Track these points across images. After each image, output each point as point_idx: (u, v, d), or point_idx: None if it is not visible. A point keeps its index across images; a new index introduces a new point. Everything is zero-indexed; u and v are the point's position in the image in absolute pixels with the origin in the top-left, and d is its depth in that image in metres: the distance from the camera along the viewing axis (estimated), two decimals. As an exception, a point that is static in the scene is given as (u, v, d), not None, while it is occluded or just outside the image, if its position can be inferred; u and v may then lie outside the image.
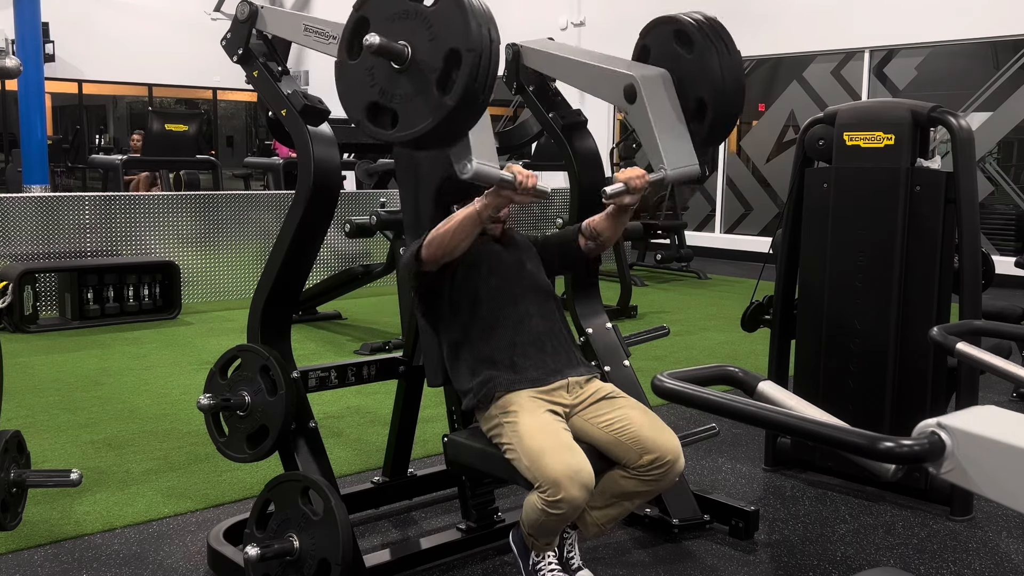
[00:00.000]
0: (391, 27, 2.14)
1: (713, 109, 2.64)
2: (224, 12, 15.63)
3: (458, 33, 2.07)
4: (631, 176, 2.52)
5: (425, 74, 2.11)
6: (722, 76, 2.61)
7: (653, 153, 2.60)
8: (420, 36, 2.12)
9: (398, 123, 2.18)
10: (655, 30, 2.80)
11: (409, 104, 2.15)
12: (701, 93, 2.65)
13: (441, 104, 2.10)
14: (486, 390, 2.53)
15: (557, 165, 8.89)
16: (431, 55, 2.10)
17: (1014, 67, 9.49)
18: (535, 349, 2.59)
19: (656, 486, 2.51)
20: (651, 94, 2.62)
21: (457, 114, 2.11)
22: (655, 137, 2.58)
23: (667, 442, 2.47)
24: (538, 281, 2.74)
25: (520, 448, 2.38)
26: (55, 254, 6.74)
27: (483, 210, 2.39)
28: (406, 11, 2.13)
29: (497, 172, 2.29)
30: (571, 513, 2.32)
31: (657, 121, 2.60)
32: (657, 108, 2.62)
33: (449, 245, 2.46)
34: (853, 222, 3.45)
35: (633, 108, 2.64)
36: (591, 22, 12.77)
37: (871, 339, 3.42)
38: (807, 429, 1.24)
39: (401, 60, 2.13)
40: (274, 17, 2.74)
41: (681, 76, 2.69)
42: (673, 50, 2.71)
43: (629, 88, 2.65)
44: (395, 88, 2.16)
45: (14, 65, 3.39)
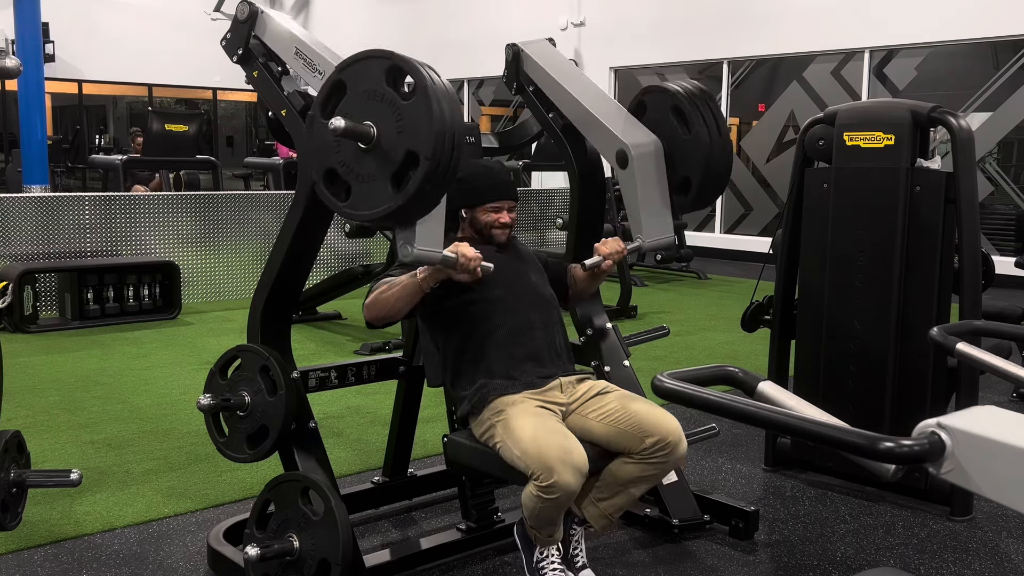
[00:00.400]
0: (365, 103, 2.19)
1: (698, 188, 2.86)
2: (224, 12, 15.66)
3: (422, 137, 2.10)
4: (611, 251, 2.77)
5: (385, 161, 2.15)
6: (711, 161, 2.82)
7: (634, 221, 2.86)
8: (388, 123, 2.15)
9: (350, 199, 2.23)
10: (654, 95, 2.97)
11: (364, 185, 2.20)
12: (689, 173, 2.86)
13: (392, 198, 2.15)
14: (480, 395, 2.55)
15: (557, 165, 8.89)
16: (393, 148, 2.15)
17: (1014, 67, 9.49)
18: (532, 363, 2.62)
19: (661, 469, 2.51)
20: (641, 167, 2.83)
21: (406, 210, 2.18)
22: (638, 208, 2.83)
23: (668, 423, 2.49)
24: (542, 292, 2.76)
25: (511, 440, 2.39)
26: (55, 254, 6.74)
27: (423, 283, 2.47)
28: (383, 95, 2.16)
29: (438, 255, 2.36)
30: (565, 498, 2.32)
31: (642, 193, 2.83)
32: (644, 180, 2.83)
33: (391, 311, 2.55)
34: (853, 222, 3.45)
35: (623, 174, 2.85)
36: (591, 22, 12.77)
37: (871, 339, 3.42)
38: (807, 429, 1.24)
39: (367, 140, 2.17)
40: (271, 29, 2.75)
41: (673, 150, 2.89)
42: (669, 120, 2.89)
43: (621, 154, 2.84)
44: (355, 164, 2.21)
45: (14, 65, 3.39)
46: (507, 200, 2.73)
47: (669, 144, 2.87)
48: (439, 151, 2.09)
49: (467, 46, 14.16)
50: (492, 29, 13.26)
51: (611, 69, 12.65)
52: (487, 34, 13.28)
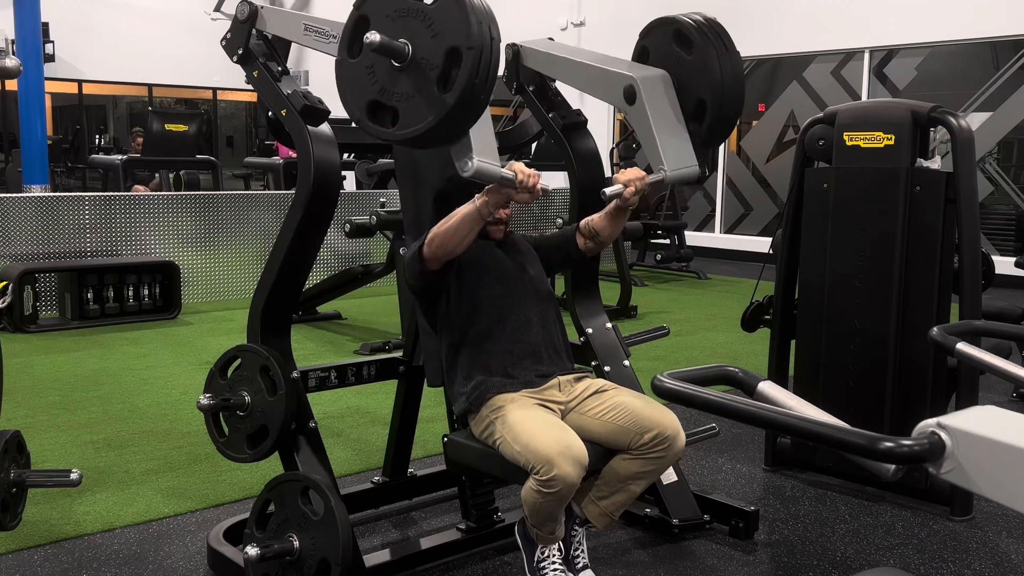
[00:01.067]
0: (391, 25, 2.14)
1: (713, 110, 2.64)
2: (224, 12, 15.66)
3: (459, 31, 2.06)
4: (630, 177, 2.55)
5: (426, 72, 2.11)
6: (722, 77, 2.62)
7: (652, 154, 2.61)
8: (421, 34, 2.11)
9: (399, 121, 2.18)
10: (654, 31, 2.80)
11: (410, 102, 2.15)
12: (701, 94, 2.66)
13: (442, 102, 2.10)
14: (478, 393, 2.55)
15: (557, 165, 8.89)
16: (432, 53, 2.10)
17: (1014, 67, 9.49)
18: (531, 360, 2.61)
19: (660, 464, 2.51)
20: (651, 95, 2.63)
21: (457, 112, 2.11)
22: (654, 138, 2.59)
23: (665, 418, 2.49)
24: (539, 287, 2.75)
25: (510, 435, 2.39)
26: (55, 254, 6.74)
27: (483, 207, 2.39)
28: (407, 9, 2.13)
29: (498, 170, 2.29)
30: (565, 491, 2.31)
31: (657, 122, 2.61)
32: (657, 109, 2.63)
33: (451, 242, 2.46)
34: (853, 222, 3.45)
35: (633, 109, 2.65)
36: (591, 22, 12.77)
37: (871, 339, 3.42)
38: (807, 429, 1.24)
39: (401, 58, 2.12)
40: (274, 17, 2.74)
41: (681, 77, 2.69)
42: (673, 51, 2.72)
43: (629, 89, 2.65)
44: (395, 86, 2.16)
45: (14, 65, 3.39)
46: None
47: (677, 74, 2.69)
48: (480, 38, 2.05)
49: (467, 46, 14.15)
50: (492, 29, 13.24)
51: (611, 69, 12.64)
52: (487, 34, 13.27)
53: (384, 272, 6.34)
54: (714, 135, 2.70)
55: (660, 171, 2.59)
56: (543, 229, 9.56)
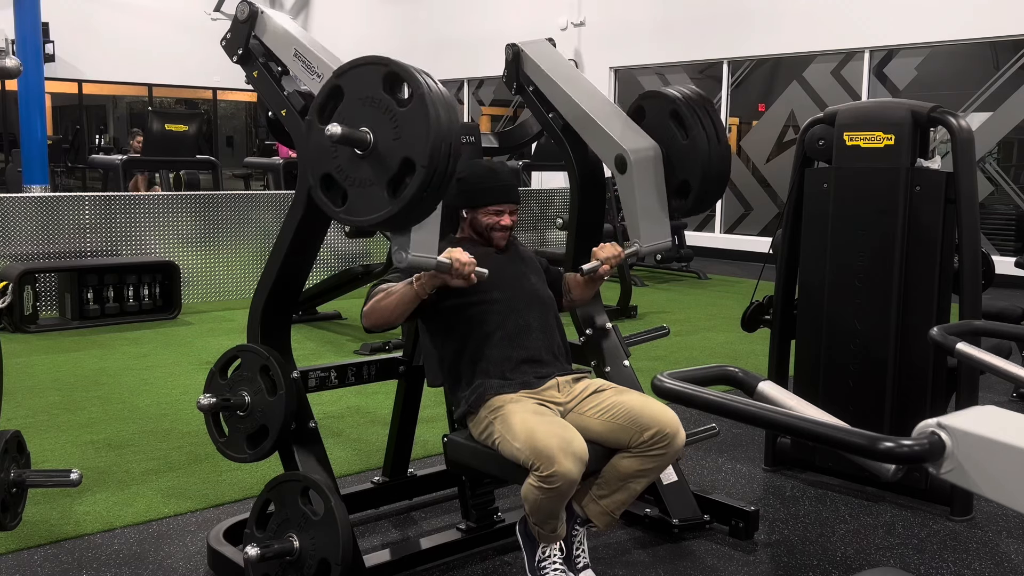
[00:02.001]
0: (361, 108, 2.19)
1: (696, 193, 2.87)
2: (224, 12, 15.67)
3: (418, 144, 2.10)
4: (608, 255, 2.79)
5: (382, 168, 2.16)
6: (710, 165, 2.84)
7: (632, 225, 2.87)
8: (385, 130, 2.16)
9: (346, 204, 2.24)
10: (654, 100, 2.97)
11: (361, 191, 2.21)
12: (688, 177, 2.88)
13: (388, 205, 2.16)
14: (476, 395, 2.56)
15: (557, 165, 8.89)
16: (390, 154, 2.15)
17: (1014, 67, 9.49)
18: (530, 365, 2.63)
19: (660, 461, 2.51)
20: (640, 172, 2.85)
21: (401, 217, 2.18)
22: (636, 213, 2.85)
23: (664, 415, 2.50)
24: (540, 294, 2.76)
25: (509, 433, 2.40)
26: (55, 254, 6.74)
27: (419, 289, 2.50)
28: (380, 101, 2.17)
29: (432, 261, 2.37)
30: (566, 487, 2.31)
31: (641, 199, 2.84)
32: (643, 186, 2.85)
33: (389, 318, 2.57)
34: (853, 222, 3.45)
35: (621, 179, 2.87)
36: (591, 22, 12.77)
37: (871, 339, 3.42)
38: (807, 429, 1.24)
39: (363, 146, 2.17)
40: (270, 29, 2.75)
41: (671, 154, 2.91)
42: (668, 125, 2.91)
43: (620, 159, 2.85)
44: (352, 170, 2.22)
45: (14, 65, 3.39)
46: (509, 204, 2.74)
47: (668, 149, 2.89)
48: (435, 159, 2.09)
49: (467, 46, 14.16)
50: (492, 29, 13.26)
51: (611, 69, 12.65)
52: (487, 34, 13.29)
53: (384, 272, 6.34)
54: (693, 212, 3.01)
55: (635, 243, 2.86)
56: (543, 229, 9.56)
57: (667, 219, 2.90)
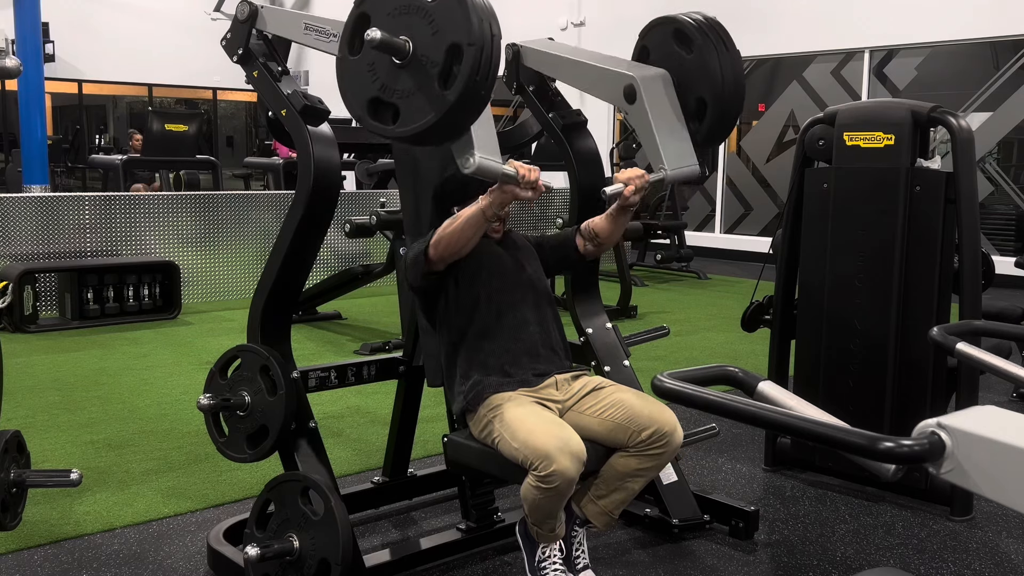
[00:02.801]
0: (392, 22, 2.14)
1: (713, 108, 2.66)
2: (224, 12, 15.66)
3: (459, 28, 2.06)
4: (631, 176, 2.56)
5: (427, 69, 2.11)
6: (722, 75, 2.63)
7: (653, 153, 2.62)
8: (421, 31, 2.11)
9: (400, 119, 2.17)
10: (654, 30, 2.81)
11: (411, 99, 2.14)
12: (701, 92, 2.67)
13: (443, 99, 2.09)
14: (475, 393, 2.55)
15: (557, 165, 8.89)
16: (432, 50, 2.10)
17: (1014, 67, 9.49)
18: (528, 358, 2.61)
19: (658, 460, 2.51)
20: (651, 94, 2.64)
21: (459, 109, 2.10)
22: (655, 137, 2.60)
23: (662, 414, 2.49)
24: (537, 286, 2.74)
25: (508, 433, 2.39)
26: (55, 254, 6.74)
27: (487, 208, 2.40)
28: (407, 6, 2.12)
29: (500, 166, 2.29)
30: (564, 486, 2.31)
31: (657, 121, 2.62)
32: (657, 108, 2.63)
33: (457, 244, 2.48)
34: (853, 222, 3.45)
35: (633, 108, 2.66)
36: (591, 22, 12.77)
37: (871, 339, 3.42)
38: (807, 429, 1.24)
39: (402, 55, 2.12)
40: (274, 16, 2.74)
41: (681, 76, 2.70)
42: (672, 50, 2.72)
43: (629, 88, 2.66)
44: (396, 83, 2.16)
45: (14, 65, 3.39)
46: None
47: (677, 73, 2.70)
48: (480, 35, 2.04)
49: (467, 46, 14.15)
50: (492, 29, 13.24)
51: (611, 69, 12.64)
52: (487, 34, 13.27)
53: (384, 272, 6.34)
54: (714, 133, 2.71)
55: (661, 170, 2.60)
56: (543, 229, 9.56)
57: (690, 143, 2.66)
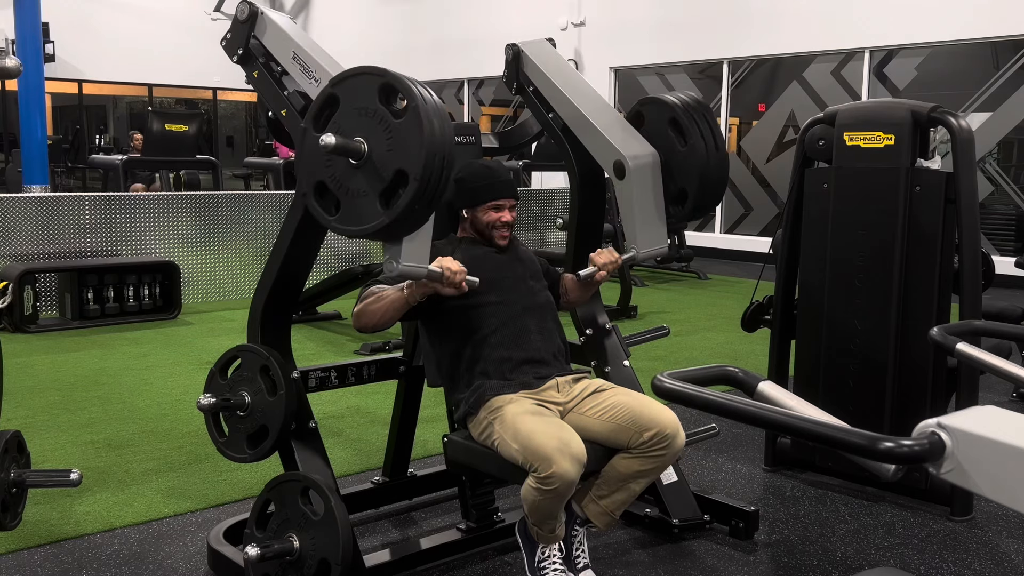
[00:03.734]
0: (358, 118, 2.19)
1: (694, 201, 2.89)
2: (224, 12, 15.67)
3: (412, 157, 2.11)
4: (605, 261, 2.79)
5: (375, 178, 2.16)
6: (708, 174, 2.86)
7: (629, 231, 2.89)
8: (379, 141, 2.16)
9: (339, 212, 2.25)
10: (652, 106, 2.99)
11: (353, 201, 2.21)
12: (686, 185, 2.90)
13: (381, 215, 2.16)
14: (476, 396, 2.55)
15: (557, 165, 8.89)
16: (383, 165, 2.16)
17: (1014, 67, 9.49)
18: (529, 365, 2.62)
19: (660, 462, 2.51)
20: (638, 179, 2.86)
21: (394, 227, 2.19)
22: (633, 219, 2.86)
23: (664, 416, 2.49)
24: (539, 298, 2.75)
25: (508, 435, 2.40)
26: (55, 254, 6.74)
27: (410, 296, 2.50)
28: (375, 111, 2.17)
29: (423, 270, 2.38)
30: (565, 488, 2.31)
31: (639, 205, 2.86)
32: (641, 193, 2.87)
33: (379, 322, 2.57)
34: (853, 222, 3.45)
35: (620, 184, 2.88)
36: (591, 22, 12.76)
37: (871, 339, 3.42)
38: (807, 429, 1.24)
39: (357, 156, 2.18)
40: (270, 30, 2.75)
41: (670, 160, 2.91)
42: (666, 132, 2.92)
43: (619, 165, 2.87)
44: (345, 180, 2.22)
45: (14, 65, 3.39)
46: (508, 199, 2.74)
47: (666, 156, 2.90)
48: (429, 171, 2.10)
49: (467, 46, 14.16)
50: (492, 29, 13.26)
51: (611, 69, 12.65)
52: (487, 34, 13.28)
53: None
54: (691, 218, 3.02)
55: (632, 249, 2.87)
56: (543, 229, 9.56)
57: (664, 225, 2.92)
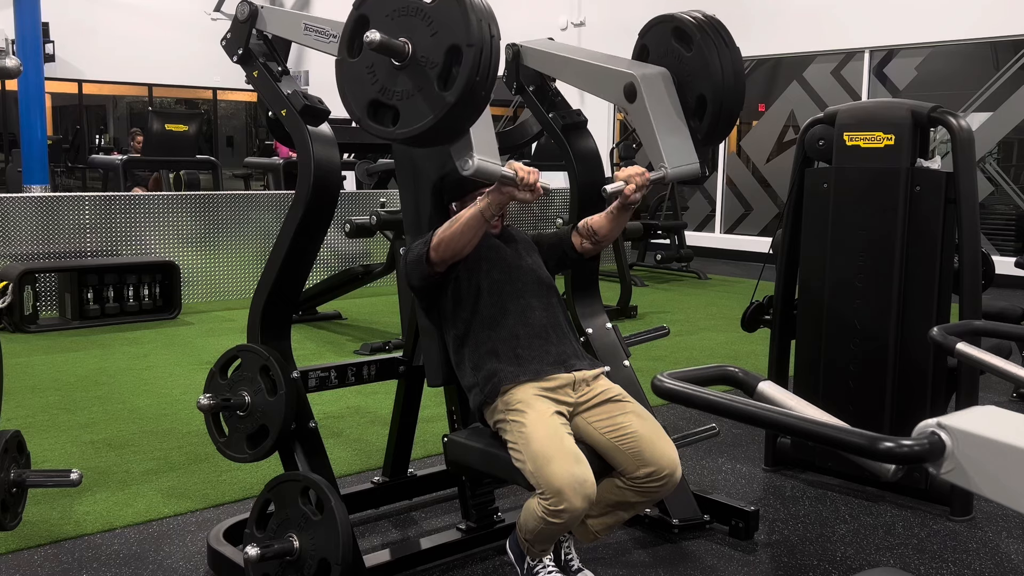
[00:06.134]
0: (391, 24, 2.14)
1: (713, 106, 2.66)
2: (224, 12, 15.65)
3: (459, 29, 2.06)
4: (631, 174, 2.56)
5: (426, 70, 2.11)
6: (722, 73, 2.63)
7: (653, 152, 2.63)
8: (420, 32, 2.12)
9: (399, 120, 2.18)
10: (654, 29, 2.82)
11: (410, 101, 2.15)
12: (701, 90, 2.67)
13: (442, 100, 2.10)
14: (491, 385, 2.51)
15: (557, 165, 8.88)
16: (432, 51, 2.10)
17: (1014, 67, 9.49)
18: (539, 340, 2.58)
19: (653, 497, 2.51)
20: (651, 93, 2.64)
21: (458, 110, 2.11)
22: (655, 136, 2.61)
23: (664, 455, 2.45)
24: (539, 275, 2.73)
25: (526, 452, 2.37)
26: (55, 254, 6.74)
27: (486, 209, 2.40)
28: (406, 7, 2.13)
29: (499, 168, 2.29)
30: (571, 522, 2.33)
31: (657, 120, 2.62)
32: (657, 107, 2.64)
33: (457, 245, 2.48)
34: (853, 222, 3.45)
35: (633, 107, 2.66)
36: (591, 22, 12.77)
37: (871, 339, 3.42)
38: (807, 429, 1.23)
39: (401, 56, 2.13)
40: (274, 17, 2.74)
41: (681, 74, 2.71)
42: (673, 48, 2.73)
43: (629, 87, 2.67)
44: (396, 85, 2.16)
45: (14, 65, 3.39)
46: None
47: (677, 71, 2.72)
48: (480, 36, 2.05)
49: (467, 46, 14.15)
50: (492, 29, 13.25)
51: (611, 69, 12.64)
52: (487, 34, 13.27)
53: (384, 272, 6.34)
54: (715, 131, 2.71)
55: (661, 168, 2.60)
56: (543, 229, 9.56)
57: (690, 142, 2.67)
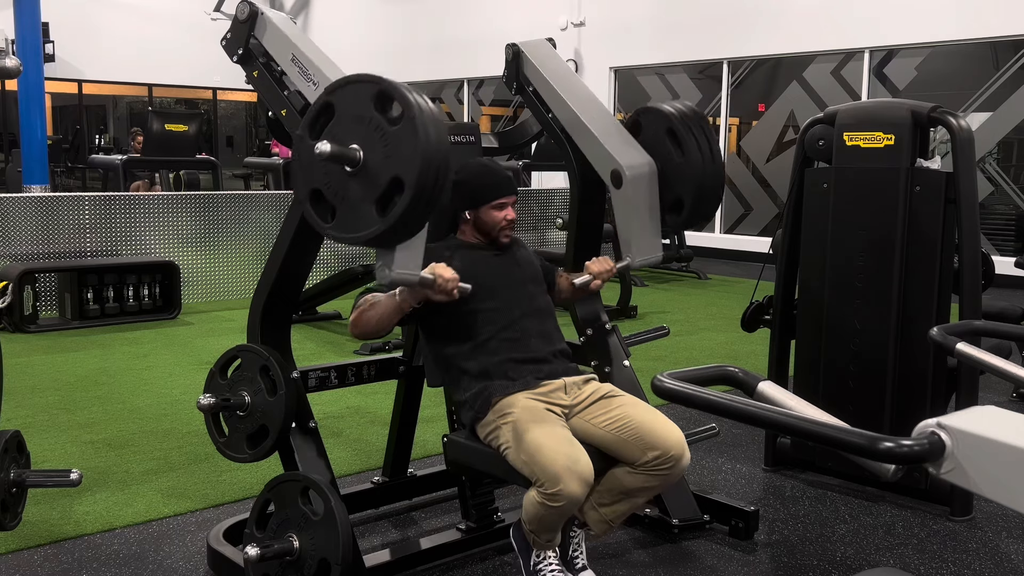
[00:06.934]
0: (353, 126, 2.18)
1: (690, 209, 2.93)
2: (224, 12, 15.67)
3: (407, 164, 2.09)
4: (600, 270, 2.87)
5: (371, 185, 2.15)
6: (704, 184, 2.89)
7: (624, 239, 2.94)
8: (375, 148, 2.14)
9: (334, 220, 2.24)
10: (650, 115, 3.01)
11: (348, 208, 2.20)
12: (682, 194, 2.93)
13: (376, 223, 2.15)
14: (482, 400, 2.54)
15: (557, 165, 8.89)
16: (379, 172, 2.14)
17: (1014, 67, 9.49)
18: (532, 365, 2.61)
19: (664, 480, 2.50)
20: (635, 187, 2.89)
21: (389, 235, 2.18)
22: (629, 228, 2.92)
23: (671, 436, 2.46)
24: (537, 302, 2.74)
25: (517, 445, 2.38)
26: (55, 254, 6.74)
27: (402, 303, 2.50)
28: (370, 119, 2.15)
29: (415, 277, 2.36)
30: (569, 507, 2.31)
31: (635, 213, 2.89)
32: (637, 201, 2.90)
33: (375, 329, 2.57)
34: (853, 222, 3.45)
35: (617, 193, 2.91)
36: (591, 22, 12.76)
37: (871, 339, 3.42)
38: (807, 429, 1.24)
39: (353, 164, 2.16)
40: (270, 32, 2.75)
41: (667, 170, 2.93)
42: (663, 141, 2.94)
43: (616, 174, 2.90)
44: (340, 187, 2.20)
45: (14, 65, 3.39)
46: (510, 196, 2.73)
47: (663, 165, 2.92)
48: (424, 179, 2.08)
49: (467, 46, 14.16)
50: (492, 29, 13.26)
51: (611, 69, 12.65)
52: (487, 34, 13.29)
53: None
54: (686, 227, 3.12)
55: (627, 258, 2.94)
56: (543, 229, 9.56)
57: (659, 234, 2.97)
